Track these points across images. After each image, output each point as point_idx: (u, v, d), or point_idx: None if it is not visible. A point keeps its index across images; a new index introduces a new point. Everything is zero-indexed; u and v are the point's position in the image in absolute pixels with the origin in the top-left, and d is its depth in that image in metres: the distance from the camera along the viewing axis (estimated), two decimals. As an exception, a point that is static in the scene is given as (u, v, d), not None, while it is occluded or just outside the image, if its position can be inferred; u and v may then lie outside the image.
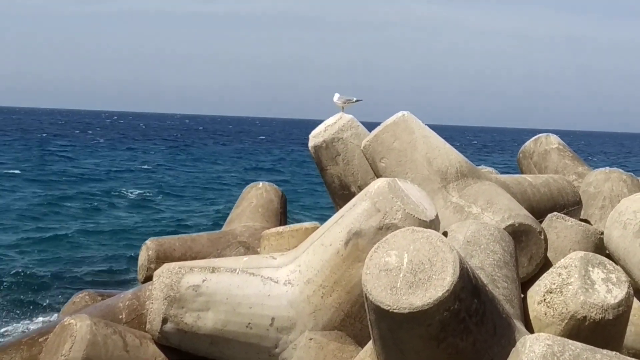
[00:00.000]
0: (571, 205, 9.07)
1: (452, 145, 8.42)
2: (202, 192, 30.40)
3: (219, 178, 36.49)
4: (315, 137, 9.33)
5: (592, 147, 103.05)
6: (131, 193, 28.37)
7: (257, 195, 10.22)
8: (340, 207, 7.33)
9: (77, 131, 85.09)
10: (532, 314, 5.89)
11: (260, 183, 10.60)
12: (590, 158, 58.99)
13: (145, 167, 41.21)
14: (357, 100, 9.59)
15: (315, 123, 9.87)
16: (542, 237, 7.61)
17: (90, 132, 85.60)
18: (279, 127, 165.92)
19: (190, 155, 52.86)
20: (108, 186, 30.60)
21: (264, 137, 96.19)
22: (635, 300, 6.30)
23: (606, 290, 5.68)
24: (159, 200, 27.16)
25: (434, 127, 8.56)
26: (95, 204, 24.87)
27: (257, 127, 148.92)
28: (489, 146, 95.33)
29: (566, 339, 4.63)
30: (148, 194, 28.60)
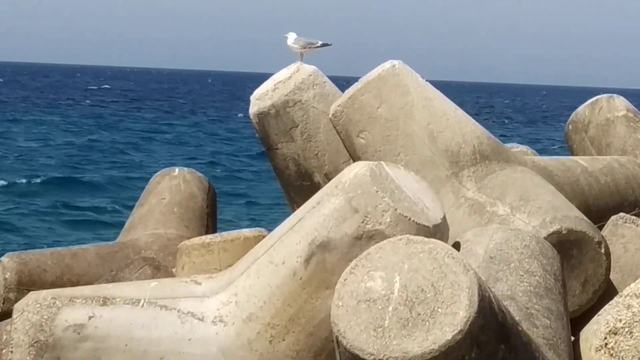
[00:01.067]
0: (646, 203, 9.18)
1: (466, 112, 8.44)
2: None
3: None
4: (260, 99, 9.24)
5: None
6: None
7: (172, 187, 10.08)
8: (298, 206, 7.31)
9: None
10: (587, 366, 5.96)
11: (177, 170, 10.38)
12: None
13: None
14: (323, 45, 9.50)
15: (264, 78, 9.75)
16: (603, 250, 7.69)
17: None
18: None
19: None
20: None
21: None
22: None
23: (698, 330, 5.79)
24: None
25: (440, 85, 8.57)
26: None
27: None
28: (524, 113, 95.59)
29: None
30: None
